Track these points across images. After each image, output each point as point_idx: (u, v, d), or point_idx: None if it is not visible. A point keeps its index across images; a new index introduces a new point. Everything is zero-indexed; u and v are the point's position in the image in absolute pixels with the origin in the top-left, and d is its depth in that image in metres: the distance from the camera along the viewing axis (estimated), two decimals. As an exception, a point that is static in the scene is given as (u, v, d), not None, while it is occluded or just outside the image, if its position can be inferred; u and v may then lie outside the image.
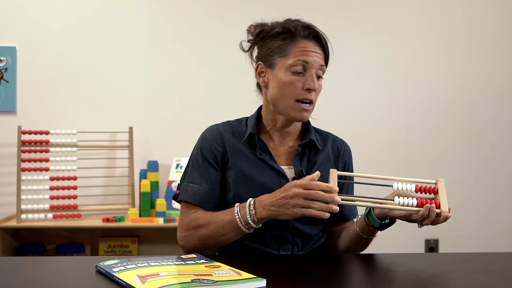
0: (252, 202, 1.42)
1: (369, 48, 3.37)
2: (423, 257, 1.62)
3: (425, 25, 3.41)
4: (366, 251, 1.56)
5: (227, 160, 1.55)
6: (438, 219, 1.39)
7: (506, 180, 3.45)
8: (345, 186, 1.62)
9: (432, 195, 1.44)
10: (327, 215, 1.34)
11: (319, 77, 1.52)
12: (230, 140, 1.56)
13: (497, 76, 3.45)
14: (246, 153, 1.54)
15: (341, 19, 3.35)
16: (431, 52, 3.41)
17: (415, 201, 1.40)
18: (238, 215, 1.42)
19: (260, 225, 1.43)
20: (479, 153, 3.44)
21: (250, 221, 1.41)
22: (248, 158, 1.54)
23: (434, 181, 1.45)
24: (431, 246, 3.38)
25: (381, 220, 1.45)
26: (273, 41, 1.51)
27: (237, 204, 1.45)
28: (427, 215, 1.38)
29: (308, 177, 1.37)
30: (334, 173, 1.41)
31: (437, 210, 1.39)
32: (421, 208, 1.38)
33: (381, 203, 1.42)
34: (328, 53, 1.53)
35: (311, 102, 1.51)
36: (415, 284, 1.19)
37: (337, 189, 1.35)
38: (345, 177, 1.58)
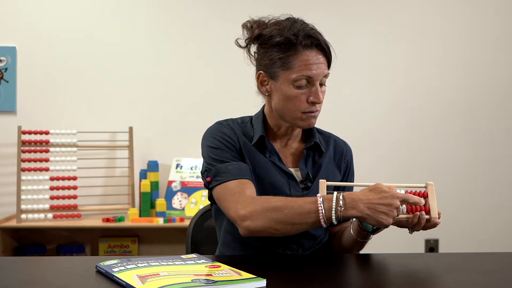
0: (341, 197, 1.34)
1: (369, 48, 3.37)
2: (423, 257, 1.62)
3: (427, 26, 3.41)
4: (365, 251, 1.56)
5: (242, 155, 1.54)
6: (428, 224, 1.40)
7: (506, 180, 3.45)
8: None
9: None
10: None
11: (322, 85, 1.49)
12: (242, 138, 1.56)
13: (498, 76, 3.45)
14: (256, 154, 1.54)
15: (341, 19, 3.34)
16: (432, 52, 3.41)
17: (404, 208, 1.40)
18: (321, 206, 1.34)
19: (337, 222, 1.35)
20: (479, 153, 3.43)
21: (333, 217, 1.33)
22: (258, 158, 1.54)
23: (423, 185, 1.43)
24: (431, 246, 3.38)
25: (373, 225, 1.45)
26: (274, 52, 1.47)
27: (319, 194, 1.37)
28: (417, 222, 1.38)
29: (407, 194, 1.36)
30: (323, 184, 1.41)
31: (427, 216, 1.39)
32: (411, 216, 1.39)
33: None
34: (331, 57, 1.51)
35: (316, 111, 1.51)
36: (415, 284, 1.20)
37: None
38: (337, 186, 1.56)
